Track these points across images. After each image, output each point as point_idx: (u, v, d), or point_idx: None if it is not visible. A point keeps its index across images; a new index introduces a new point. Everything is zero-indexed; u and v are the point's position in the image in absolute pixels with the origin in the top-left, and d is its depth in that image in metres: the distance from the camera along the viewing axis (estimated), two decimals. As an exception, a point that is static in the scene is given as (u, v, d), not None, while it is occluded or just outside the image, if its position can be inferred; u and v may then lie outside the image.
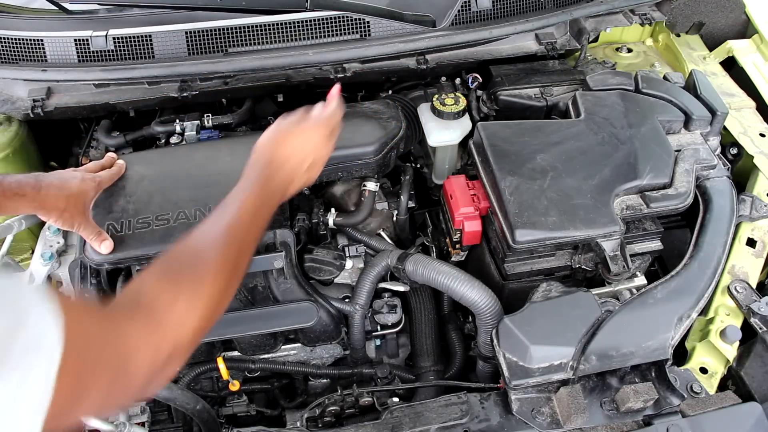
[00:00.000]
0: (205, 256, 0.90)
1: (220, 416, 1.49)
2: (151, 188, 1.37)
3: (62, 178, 1.23)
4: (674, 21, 1.94)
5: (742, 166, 1.64)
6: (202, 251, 0.91)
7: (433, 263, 1.40)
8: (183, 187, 1.36)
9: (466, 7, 1.64)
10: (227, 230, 0.94)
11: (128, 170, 1.41)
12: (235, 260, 0.93)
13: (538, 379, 1.17)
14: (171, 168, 1.43)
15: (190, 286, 0.84)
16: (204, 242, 0.92)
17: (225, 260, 0.90)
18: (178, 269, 0.87)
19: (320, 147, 1.16)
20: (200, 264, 0.88)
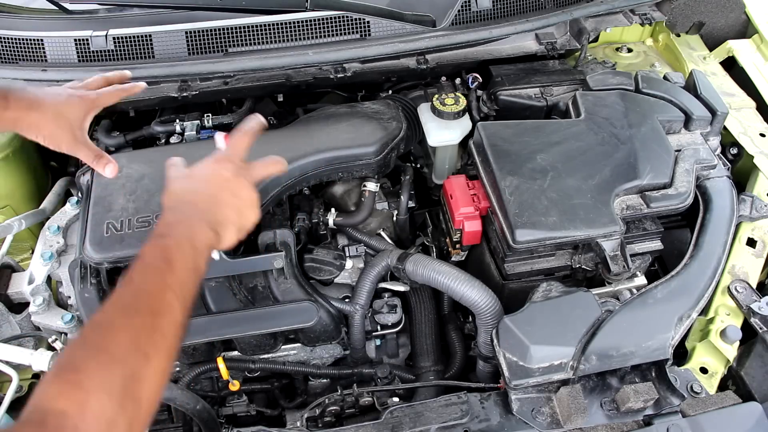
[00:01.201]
0: (107, 335, 0.76)
1: (220, 416, 1.49)
2: (152, 187, 1.36)
3: (39, 95, 1.12)
4: (674, 21, 1.94)
5: (742, 166, 1.64)
6: (104, 333, 0.77)
7: (433, 263, 1.40)
8: None
9: (466, 7, 1.64)
10: (129, 303, 0.80)
11: (129, 168, 1.40)
12: (151, 327, 0.78)
13: (538, 379, 1.17)
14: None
15: (97, 375, 0.71)
16: (104, 323, 0.78)
17: (134, 334, 0.76)
18: (77, 362, 0.73)
19: (231, 182, 1.02)
20: (103, 346, 0.74)
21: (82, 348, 0.75)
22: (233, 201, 1.00)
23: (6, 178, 1.64)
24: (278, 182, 1.39)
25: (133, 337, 0.76)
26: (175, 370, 1.47)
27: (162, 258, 0.86)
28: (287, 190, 1.42)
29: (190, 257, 0.89)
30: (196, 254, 0.90)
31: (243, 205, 1.02)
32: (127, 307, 0.80)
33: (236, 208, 1.01)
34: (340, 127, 1.50)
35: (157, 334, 0.78)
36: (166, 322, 0.80)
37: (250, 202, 1.03)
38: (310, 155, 1.42)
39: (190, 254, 0.89)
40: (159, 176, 1.37)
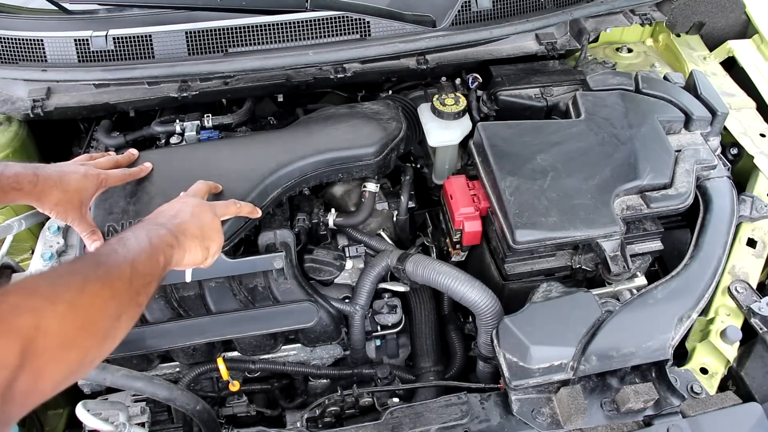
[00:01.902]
0: (65, 275, 0.79)
1: (220, 416, 1.49)
2: (152, 189, 1.36)
3: (62, 172, 1.22)
4: (674, 21, 1.94)
5: (742, 166, 1.64)
6: (62, 273, 0.80)
7: (433, 263, 1.40)
8: (184, 188, 1.34)
9: (466, 7, 1.64)
10: (88, 262, 0.85)
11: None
12: (106, 277, 0.81)
13: (538, 379, 1.17)
14: (171, 169, 1.42)
15: (22, 283, 0.73)
16: (62, 271, 0.82)
17: (89, 279, 0.79)
18: (36, 280, 0.76)
19: (194, 206, 1.12)
20: (42, 273, 0.79)
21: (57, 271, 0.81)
22: (195, 220, 1.08)
23: (6, 179, 1.64)
24: (278, 183, 1.39)
25: (70, 266, 0.82)
26: (175, 371, 1.48)
27: (116, 239, 0.92)
28: (287, 191, 1.42)
29: (145, 245, 0.93)
30: (152, 247, 0.94)
31: (205, 225, 1.09)
32: (71, 261, 0.88)
33: (198, 226, 1.08)
34: (339, 128, 1.50)
35: (99, 272, 0.81)
36: (112, 273, 0.83)
37: (212, 225, 1.11)
38: (310, 156, 1.42)
39: (146, 244, 0.93)
40: (159, 179, 1.38)
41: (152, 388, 1.17)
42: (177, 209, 1.10)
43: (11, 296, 0.70)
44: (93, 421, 1.22)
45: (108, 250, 0.87)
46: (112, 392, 1.43)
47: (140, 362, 1.42)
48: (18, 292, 0.71)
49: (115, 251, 0.87)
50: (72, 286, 0.76)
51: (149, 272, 0.90)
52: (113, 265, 0.84)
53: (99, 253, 0.87)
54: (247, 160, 1.42)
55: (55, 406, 1.54)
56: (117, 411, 1.29)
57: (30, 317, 0.68)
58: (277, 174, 1.39)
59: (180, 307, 1.38)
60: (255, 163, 1.41)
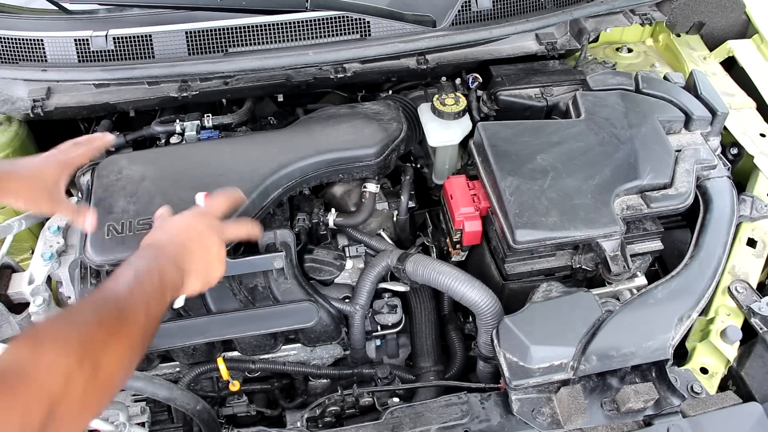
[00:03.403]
0: (71, 315, 0.80)
1: (220, 416, 1.49)
2: (152, 188, 1.36)
3: (14, 162, 1.20)
4: (674, 21, 1.94)
5: (742, 166, 1.64)
6: (68, 314, 0.82)
7: (433, 263, 1.40)
8: (184, 188, 1.35)
9: (466, 7, 1.64)
10: (96, 300, 0.84)
11: (129, 170, 1.39)
12: (116, 318, 0.81)
13: (538, 379, 1.17)
14: (172, 168, 1.42)
15: (52, 330, 0.74)
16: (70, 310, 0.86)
17: (98, 317, 0.79)
18: (40, 329, 0.77)
19: (204, 236, 1.07)
20: (70, 319, 0.79)
21: (44, 322, 0.80)
22: (202, 253, 1.04)
23: (6, 178, 1.64)
24: (279, 184, 1.39)
25: (97, 316, 0.79)
26: (175, 371, 1.47)
27: (133, 275, 0.90)
28: (288, 191, 1.43)
29: (157, 287, 0.92)
30: (163, 287, 0.93)
31: (211, 258, 1.06)
32: (94, 303, 0.83)
33: (204, 261, 1.05)
34: (340, 129, 1.50)
35: (121, 324, 0.81)
36: (131, 322, 0.83)
37: (218, 257, 1.08)
38: (311, 157, 1.42)
39: (158, 284, 0.92)
40: (160, 178, 1.38)
41: (152, 388, 1.17)
42: (186, 235, 1.05)
43: (46, 354, 0.69)
44: (93, 421, 1.22)
45: (125, 291, 0.85)
46: (112, 392, 1.43)
47: (140, 362, 1.42)
48: (53, 349, 0.70)
49: (131, 293, 0.85)
50: (97, 342, 0.75)
51: (159, 314, 0.90)
52: (132, 313, 0.83)
53: (117, 296, 0.84)
54: (248, 160, 1.42)
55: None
56: (117, 411, 1.29)
57: (61, 379, 0.68)
58: (278, 174, 1.39)
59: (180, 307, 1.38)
60: (256, 163, 1.41)
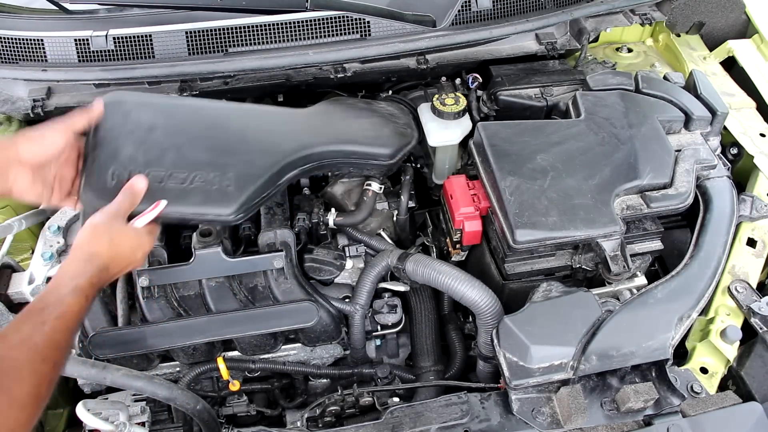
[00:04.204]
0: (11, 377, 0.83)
1: (220, 416, 1.49)
2: (164, 141, 1.23)
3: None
4: (674, 21, 1.94)
5: (742, 166, 1.64)
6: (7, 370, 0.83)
7: (433, 263, 1.40)
8: (200, 147, 1.24)
9: (466, 7, 1.64)
10: (43, 348, 0.88)
11: (137, 114, 1.25)
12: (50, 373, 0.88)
13: (538, 379, 1.17)
14: (186, 123, 1.29)
15: (10, 386, 0.80)
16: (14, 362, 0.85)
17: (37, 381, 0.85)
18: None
19: (111, 242, 1.06)
20: (23, 368, 0.83)
21: None
22: (112, 250, 1.05)
23: (6, 178, 1.64)
24: (295, 165, 1.33)
25: (34, 372, 0.85)
26: (175, 371, 1.48)
27: (61, 316, 0.94)
28: (301, 175, 1.37)
29: (84, 307, 0.97)
30: (87, 303, 0.98)
31: (122, 251, 1.07)
32: (32, 350, 0.87)
33: (118, 254, 1.06)
34: (361, 123, 1.49)
35: (57, 363, 0.90)
36: (61, 355, 0.91)
37: (130, 240, 1.09)
38: (331, 144, 1.40)
39: (84, 306, 0.97)
40: (174, 131, 1.26)
41: (152, 388, 1.17)
42: (90, 250, 1.03)
43: None
44: (93, 421, 1.22)
45: (52, 324, 0.90)
46: (112, 392, 1.43)
47: (140, 362, 1.42)
48: None
49: (61, 325, 0.91)
50: (24, 383, 0.82)
51: (78, 325, 0.97)
52: (55, 346, 0.89)
53: (43, 330, 0.89)
54: (271, 133, 1.35)
55: (55, 405, 1.54)
56: (117, 410, 1.29)
57: None
58: (297, 155, 1.33)
59: (180, 307, 1.38)
60: (279, 138, 1.34)
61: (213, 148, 1.25)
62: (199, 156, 1.23)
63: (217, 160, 1.23)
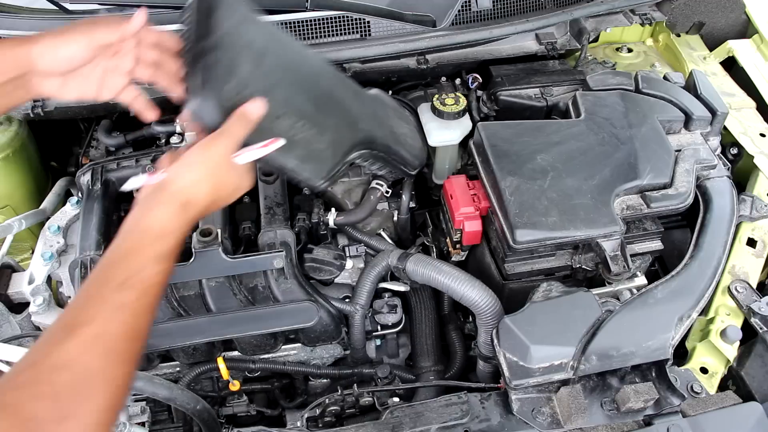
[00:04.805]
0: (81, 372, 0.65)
1: (220, 416, 1.49)
2: (276, 73, 1.07)
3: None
4: (674, 21, 1.94)
5: (742, 166, 1.64)
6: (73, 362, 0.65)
7: (433, 263, 1.39)
8: (305, 95, 1.13)
9: (466, 7, 1.64)
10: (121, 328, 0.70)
11: (250, 29, 1.06)
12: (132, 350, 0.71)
13: (538, 379, 1.17)
14: (293, 62, 1.15)
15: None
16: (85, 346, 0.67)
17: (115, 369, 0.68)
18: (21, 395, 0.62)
19: (210, 175, 0.89)
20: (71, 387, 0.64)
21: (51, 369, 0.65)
22: (212, 194, 0.90)
23: (6, 178, 1.64)
24: (359, 146, 1.28)
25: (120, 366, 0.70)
26: (175, 371, 1.48)
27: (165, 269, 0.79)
28: (356, 157, 1.31)
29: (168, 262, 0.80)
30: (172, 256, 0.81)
31: (222, 194, 0.92)
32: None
33: (217, 198, 0.92)
34: (403, 127, 1.50)
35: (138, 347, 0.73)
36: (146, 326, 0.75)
37: (233, 182, 0.93)
38: (388, 138, 1.39)
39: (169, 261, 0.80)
40: (281, 64, 1.10)
41: (152, 388, 1.17)
42: (189, 195, 0.85)
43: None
44: None
45: (133, 307, 0.72)
46: (112, 392, 1.43)
47: (140, 361, 1.42)
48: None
49: (144, 306, 0.73)
50: (99, 398, 0.65)
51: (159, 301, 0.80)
52: (135, 337, 0.71)
53: (122, 318, 0.71)
54: (352, 107, 1.29)
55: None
56: (117, 410, 1.28)
57: None
58: (366, 136, 1.30)
59: (180, 307, 1.38)
60: (357, 115, 1.28)
61: (315, 101, 1.12)
62: (305, 105, 1.10)
63: (317, 117, 1.11)
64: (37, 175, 1.75)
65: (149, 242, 0.77)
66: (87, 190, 1.53)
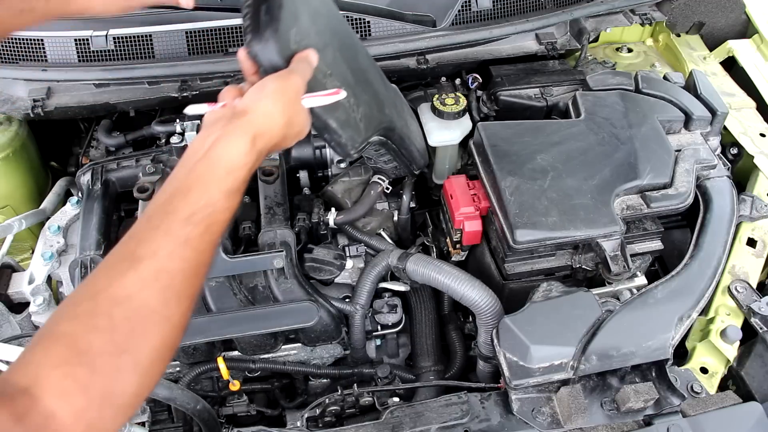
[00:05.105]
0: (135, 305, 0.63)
1: (220, 416, 1.49)
2: (325, 35, 1.06)
3: None
4: (674, 21, 1.94)
5: (742, 166, 1.64)
6: (128, 297, 0.64)
7: (433, 263, 1.40)
8: (346, 61, 1.13)
9: (466, 7, 1.64)
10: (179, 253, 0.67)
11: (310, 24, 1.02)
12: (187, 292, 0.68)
13: (538, 378, 1.17)
14: (338, 28, 1.17)
15: (101, 379, 0.60)
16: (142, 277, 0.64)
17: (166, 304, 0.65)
18: (81, 343, 0.60)
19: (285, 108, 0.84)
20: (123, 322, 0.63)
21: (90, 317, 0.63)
22: (286, 128, 0.85)
23: (6, 178, 1.64)
24: (379, 129, 1.28)
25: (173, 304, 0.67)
26: (175, 370, 1.48)
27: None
28: (373, 142, 1.31)
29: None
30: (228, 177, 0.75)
31: (293, 131, 0.87)
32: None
33: (287, 134, 0.86)
34: (414, 126, 1.51)
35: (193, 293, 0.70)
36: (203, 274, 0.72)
37: (301, 119, 0.89)
38: (403, 131, 1.39)
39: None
40: (330, 27, 1.11)
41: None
42: (265, 127, 0.79)
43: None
44: None
45: (196, 244, 0.69)
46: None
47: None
48: None
49: (207, 243, 0.70)
50: (154, 336, 0.65)
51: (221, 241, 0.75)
52: (194, 275, 0.69)
53: (184, 254, 0.68)
54: (380, 90, 1.31)
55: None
56: (117, 410, 1.28)
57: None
58: (387, 124, 1.29)
59: (180, 307, 1.38)
60: (383, 99, 1.29)
61: (354, 73, 1.13)
62: (346, 71, 1.12)
63: (356, 88, 1.11)
64: (37, 175, 1.75)
65: (220, 176, 0.72)
66: (87, 190, 1.53)
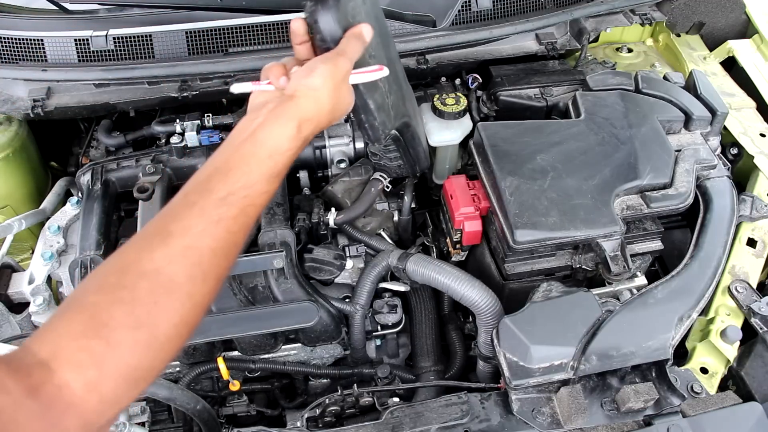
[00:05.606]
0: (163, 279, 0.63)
1: (220, 416, 1.49)
2: (371, 19, 1.06)
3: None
4: (674, 21, 1.94)
5: (742, 166, 1.64)
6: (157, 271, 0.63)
7: (433, 263, 1.40)
8: (383, 48, 1.15)
9: (466, 7, 1.64)
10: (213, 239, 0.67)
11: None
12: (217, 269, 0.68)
13: (538, 379, 1.17)
14: (381, 18, 1.22)
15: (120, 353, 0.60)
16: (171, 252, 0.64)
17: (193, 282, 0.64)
18: (103, 316, 0.60)
19: (332, 92, 0.86)
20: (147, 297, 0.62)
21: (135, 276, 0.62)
22: (332, 113, 0.86)
23: (6, 178, 1.64)
24: (398, 122, 1.29)
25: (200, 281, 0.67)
26: (175, 371, 1.48)
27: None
28: (392, 136, 1.34)
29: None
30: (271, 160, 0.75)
31: (338, 113, 0.89)
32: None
33: (333, 118, 0.88)
34: (422, 127, 1.52)
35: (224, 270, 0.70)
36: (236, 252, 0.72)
37: (348, 100, 0.91)
38: (414, 128, 1.40)
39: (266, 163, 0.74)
40: (375, 11, 1.15)
41: (152, 388, 1.17)
42: (311, 113, 0.80)
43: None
44: None
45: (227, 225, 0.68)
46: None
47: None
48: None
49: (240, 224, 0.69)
50: (174, 313, 0.64)
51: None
52: (223, 255, 0.68)
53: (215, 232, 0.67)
54: (404, 83, 1.34)
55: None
56: (117, 410, 1.28)
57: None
58: (406, 118, 1.31)
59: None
60: (405, 93, 1.33)
61: (388, 60, 1.15)
62: (383, 57, 1.13)
63: (389, 75, 1.10)
64: (37, 175, 1.75)
65: (262, 159, 0.72)
66: (87, 190, 1.53)
